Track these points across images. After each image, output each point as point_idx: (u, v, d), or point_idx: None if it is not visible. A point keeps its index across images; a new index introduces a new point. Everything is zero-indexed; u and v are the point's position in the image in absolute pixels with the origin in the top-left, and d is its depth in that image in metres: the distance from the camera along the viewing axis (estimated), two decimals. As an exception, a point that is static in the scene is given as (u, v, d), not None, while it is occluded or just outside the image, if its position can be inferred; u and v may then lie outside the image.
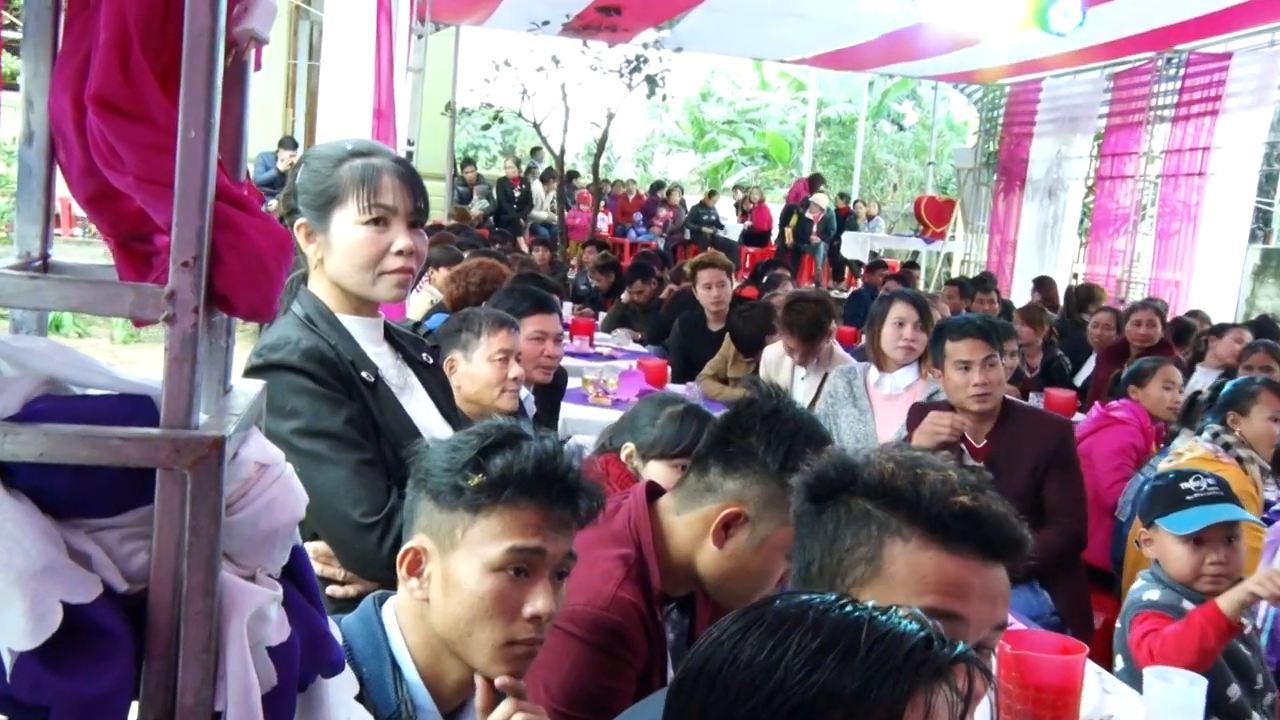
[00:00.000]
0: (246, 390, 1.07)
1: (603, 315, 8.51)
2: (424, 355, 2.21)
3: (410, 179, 2.00)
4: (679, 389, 5.36)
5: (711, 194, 18.22)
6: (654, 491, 1.95)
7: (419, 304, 6.55)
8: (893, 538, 1.21)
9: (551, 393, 4.11)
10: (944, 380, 3.47)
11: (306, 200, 1.99)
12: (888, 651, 0.85)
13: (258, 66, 1.06)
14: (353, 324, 2.04)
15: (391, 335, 2.15)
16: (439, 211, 14.25)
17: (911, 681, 0.84)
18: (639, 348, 7.31)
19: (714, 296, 6.15)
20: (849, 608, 0.90)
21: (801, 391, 4.91)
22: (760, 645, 0.88)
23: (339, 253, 1.98)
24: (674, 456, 2.47)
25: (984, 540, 1.20)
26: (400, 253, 1.97)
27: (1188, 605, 2.50)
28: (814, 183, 17.48)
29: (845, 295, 13.06)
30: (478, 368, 3.06)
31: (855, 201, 17.93)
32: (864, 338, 4.47)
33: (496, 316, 3.12)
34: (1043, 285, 10.11)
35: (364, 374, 1.98)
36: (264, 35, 1.00)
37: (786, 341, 4.87)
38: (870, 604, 0.91)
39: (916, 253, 17.10)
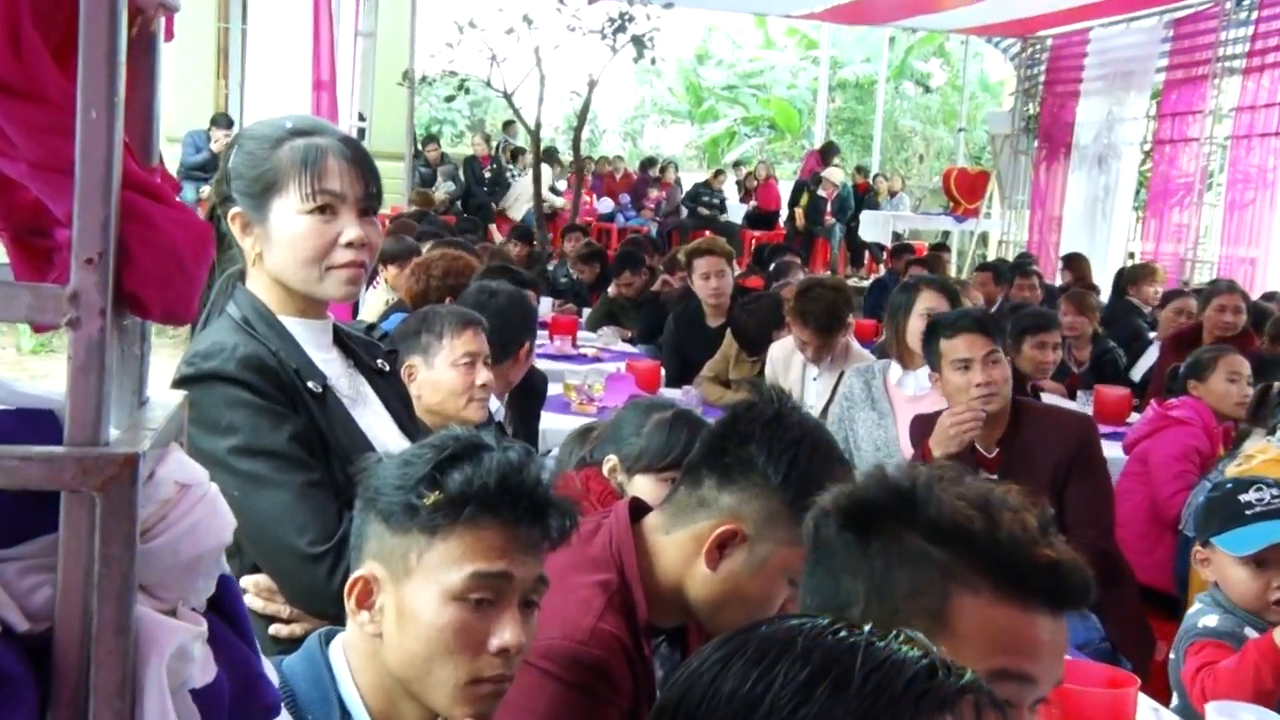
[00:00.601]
0: (164, 402, 1.09)
1: (587, 311, 8.55)
2: (379, 361, 2.23)
3: (359, 161, 2.03)
4: (674, 394, 5.38)
5: (718, 173, 18.27)
6: (639, 510, 1.97)
7: (374, 303, 6.59)
8: (960, 589, 1.18)
9: (529, 400, 4.14)
10: (943, 383, 3.50)
11: (241, 187, 2.01)
12: (885, 681, 0.85)
13: (169, 36, 1.08)
14: (297, 327, 2.06)
15: (341, 339, 2.17)
16: (398, 197, 14.28)
17: (912, 715, 0.84)
18: (628, 348, 7.35)
19: (713, 288, 6.19)
20: (843, 633, 0.91)
21: (814, 393, 4.95)
22: (744, 676, 0.89)
23: (280, 246, 2.00)
24: (662, 469, 2.49)
25: (1061, 594, 1.20)
26: (350, 244, 1.99)
27: (1251, 633, 2.46)
28: (827, 154, 17.54)
29: (865, 284, 13.14)
30: (440, 374, 3.09)
31: (875, 176, 18.01)
32: (885, 331, 4.50)
33: (460, 315, 3.15)
34: (1074, 264, 10.09)
35: (310, 384, 2.01)
36: (174, 0, 1.02)
37: (798, 334, 4.88)
38: (866, 628, 0.92)
39: (947, 233, 17.19)
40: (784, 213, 17.47)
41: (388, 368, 2.25)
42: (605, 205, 16.89)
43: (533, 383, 4.23)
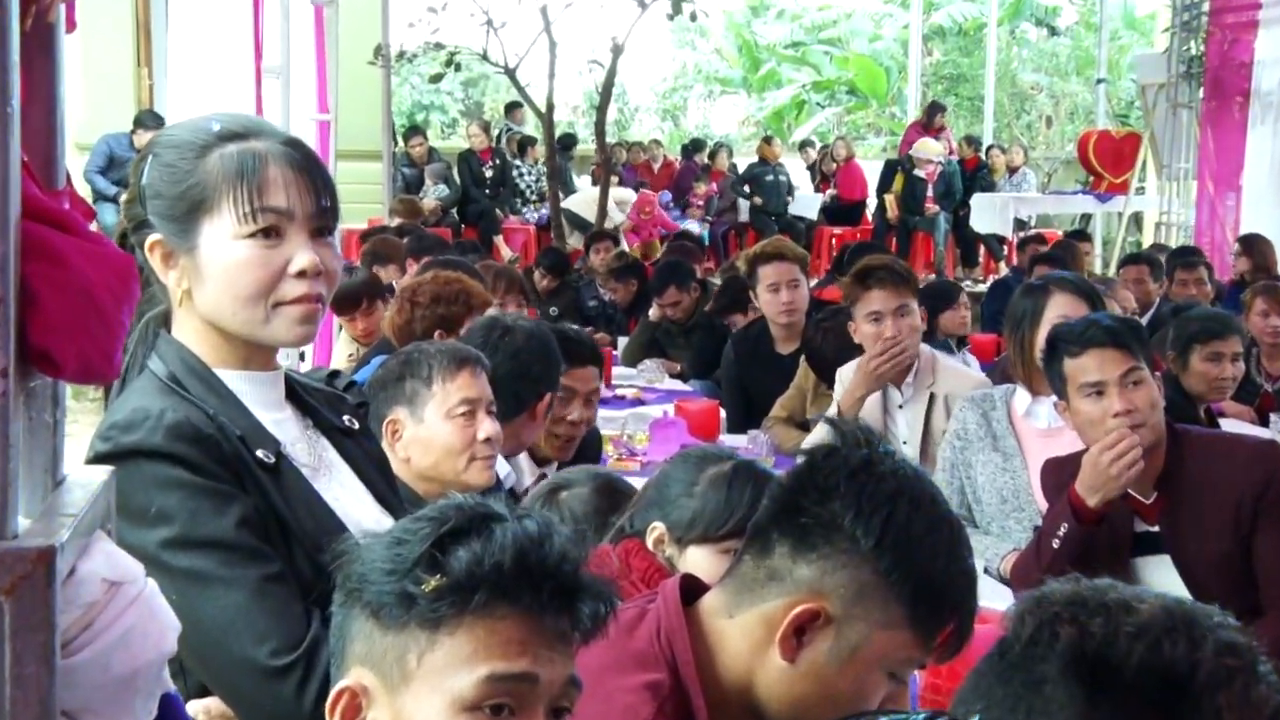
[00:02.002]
0: (85, 481, 1.12)
1: (623, 341, 8.63)
2: (345, 418, 2.27)
3: (308, 167, 2.07)
4: (737, 441, 5.40)
5: (769, 140, 18.33)
6: (693, 590, 1.99)
7: (345, 345, 6.65)
8: None
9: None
10: (1071, 414, 3.50)
11: (160, 208, 2.05)
12: None
13: (70, 26, 1.12)
14: (239, 382, 2.10)
15: (297, 394, 2.22)
16: (376, 207, 14.43)
17: None
18: (678, 385, 7.42)
19: (783, 303, 6.21)
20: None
21: (904, 425, 4.98)
22: None
23: (213, 280, 2.04)
24: (722, 537, 2.51)
25: None
26: (302, 274, 2.03)
27: None
28: (931, 116, 17.49)
29: (981, 288, 13.09)
30: (432, 429, 3.13)
31: (989, 148, 17.97)
32: (1007, 348, 4.50)
33: (452, 353, 3.20)
34: (1253, 248, 9.97)
35: (260, 453, 2.04)
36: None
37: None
38: None
39: (1086, 217, 17.11)
40: (872, 202, 17.47)
41: (357, 425, 2.29)
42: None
43: (585, 448, 4.33)
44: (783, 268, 6.23)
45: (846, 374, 5.14)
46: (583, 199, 15.54)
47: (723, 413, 6.06)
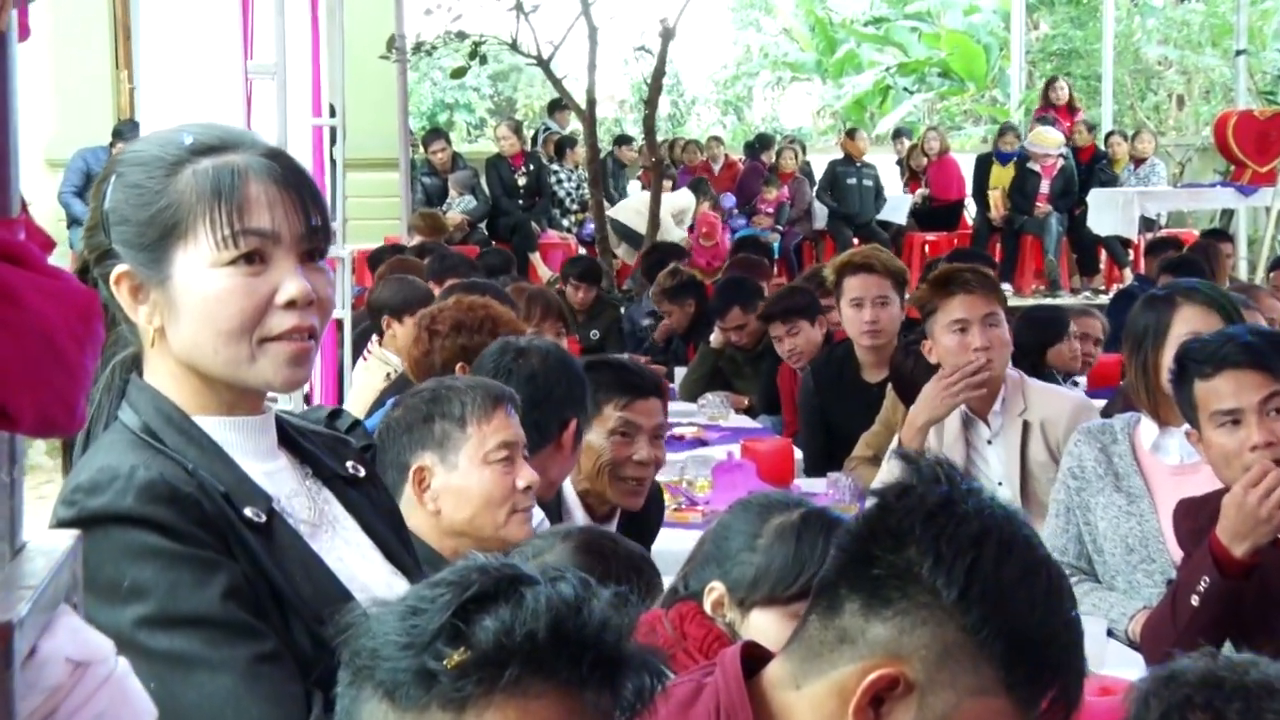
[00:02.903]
0: (48, 548, 1.15)
1: (680, 372, 8.67)
2: (349, 464, 2.29)
3: (295, 182, 2.09)
4: (815, 486, 5.40)
5: (852, 134, 18.22)
6: (757, 659, 2.00)
7: (366, 383, 6.69)
8: None
9: (639, 525, 4.28)
10: (1205, 447, 3.45)
11: (127, 235, 2.08)
12: None
13: (24, 35, 1.15)
14: (223, 430, 2.12)
15: (291, 438, 2.24)
16: (393, 224, 14.51)
17: None
18: (746, 421, 7.43)
19: (866, 322, 6.21)
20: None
21: (996, 463, 4.97)
22: None
23: (190, 315, 2.07)
24: (791, 598, 2.52)
25: None
26: (291, 304, 2.06)
27: None
28: (1048, 93, 17.39)
29: (1102, 300, 13.00)
30: (468, 476, 3.18)
31: (1108, 135, 17.87)
32: (1127, 370, 4.48)
33: (487, 390, 3.24)
34: None
35: (248, 511, 2.06)
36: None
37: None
38: None
39: (1228, 213, 16.96)
40: (971, 206, 17.41)
41: (363, 472, 2.31)
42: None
43: (647, 512, 4.37)
44: (870, 281, 6.24)
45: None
46: (632, 206, 15.54)
47: (798, 453, 6.07)
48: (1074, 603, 1.89)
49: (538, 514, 3.54)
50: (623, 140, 18.47)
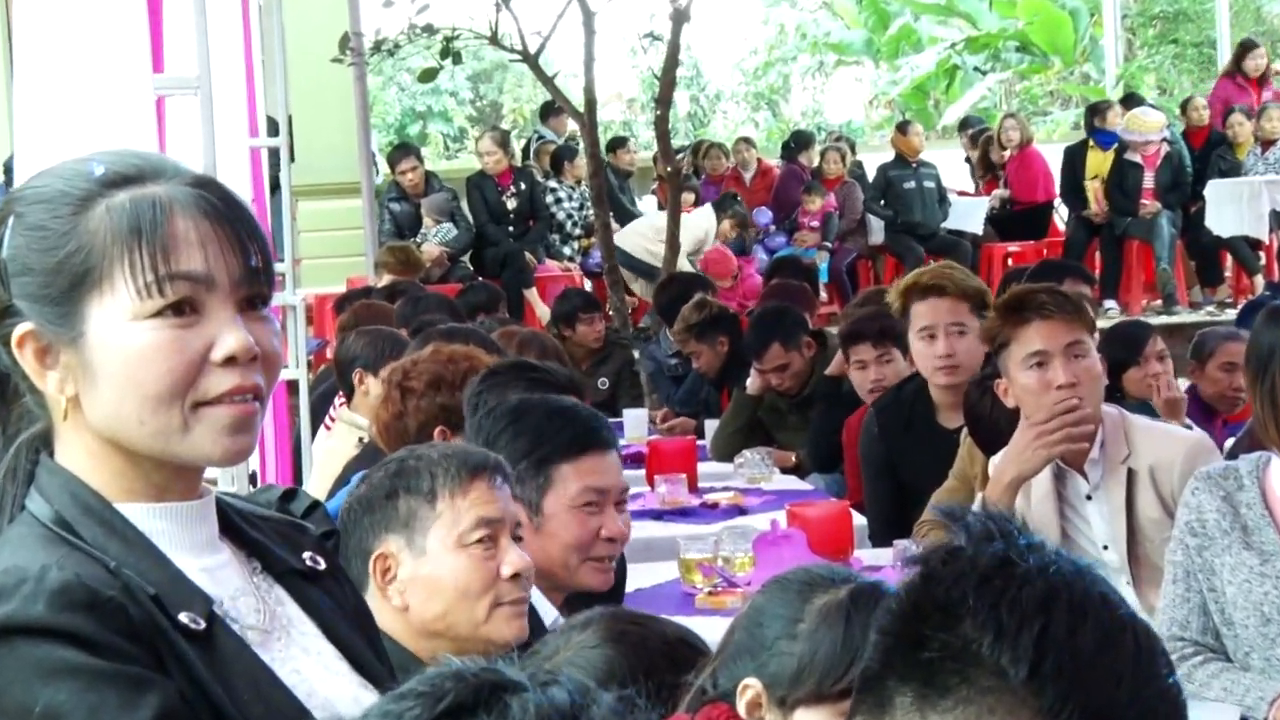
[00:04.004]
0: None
1: (711, 426, 8.64)
2: (306, 556, 2.29)
3: (230, 215, 2.10)
4: (880, 558, 5.38)
5: (904, 126, 18.06)
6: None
7: (333, 454, 6.67)
8: None
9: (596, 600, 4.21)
10: None
11: (29, 287, 2.08)
12: None
13: None
14: (152, 519, 2.12)
15: (235, 527, 2.24)
16: (356, 261, 14.52)
17: None
18: (793, 483, 7.42)
19: (944, 355, 6.17)
20: None
21: (1098, 522, 4.93)
22: None
23: (110, 379, 2.06)
24: (842, 695, 2.51)
25: None
26: (230, 361, 2.06)
27: None
28: (1241, 58, 17.33)
29: (1231, 313, 12.96)
30: (439, 563, 3.18)
31: (1228, 113, 17.75)
32: (1253, 398, 4.47)
33: (461, 457, 3.25)
34: None
35: (184, 616, 2.05)
36: None
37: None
38: None
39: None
40: (1063, 206, 17.34)
41: (323, 564, 2.31)
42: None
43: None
44: (942, 306, 6.22)
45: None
46: (639, 232, 15.46)
47: (859, 519, 6.05)
48: (1170, 668, 1.86)
49: (546, 607, 3.55)
50: (618, 143, 18.29)
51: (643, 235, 15.00)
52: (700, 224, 15.88)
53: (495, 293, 11.56)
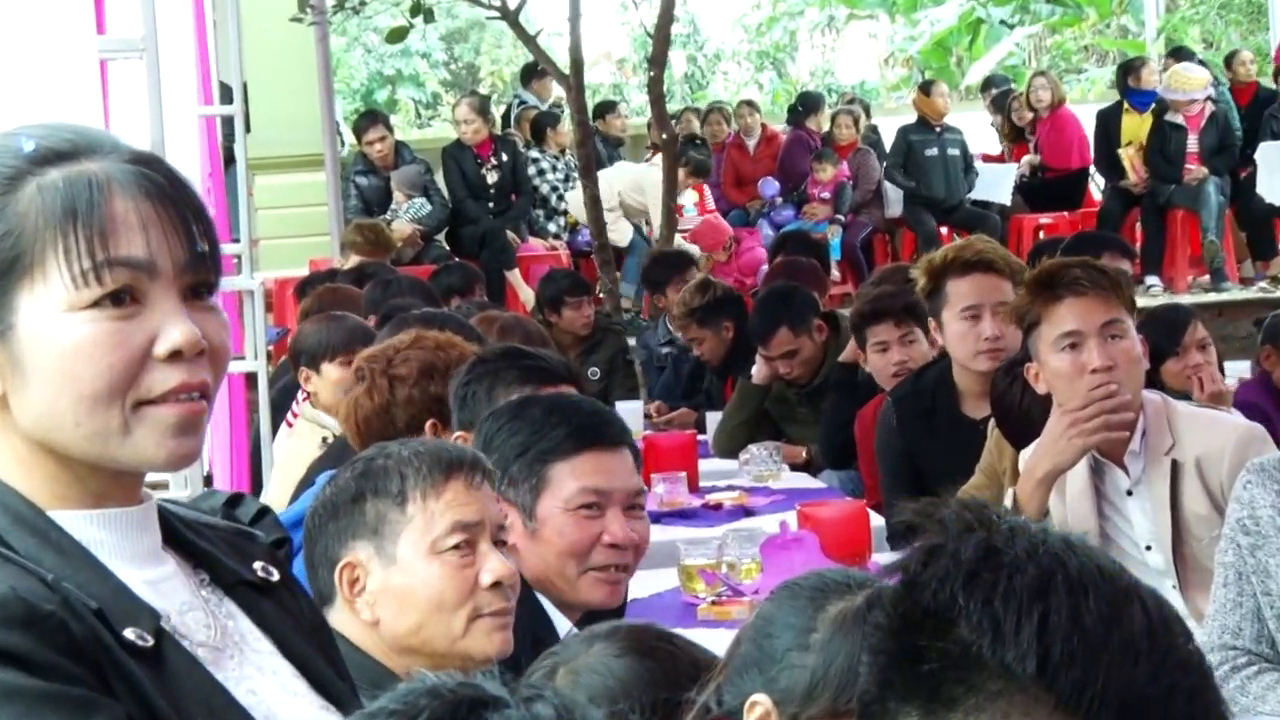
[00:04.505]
0: None
1: (714, 418, 8.65)
2: (257, 566, 2.30)
3: (174, 195, 2.10)
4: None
5: (928, 88, 17.95)
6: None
7: (294, 455, 6.66)
8: None
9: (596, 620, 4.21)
10: None
11: None
12: None
13: None
14: (90, 527, 2.12)
15: (180, 536, 2.24)
16: (319, 241, 14.51)
17: None
18: (804, 480, 7.46)
19: (992, 338, 6.14)
20: None
21: (1140, 520, 4.93)
22: None
23: (42, 377, 2.06)
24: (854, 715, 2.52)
25: None
26: (175, 356, 2.06)
27: None
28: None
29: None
30: (412, 572, 3.18)
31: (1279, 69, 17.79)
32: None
33: (434, 454, 3.24)
34: None
35: (130, 632, 2.05)
36: None
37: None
38: None
39: None
40: (1099, 176, 17.30)
41: (275, 575, 2.31)
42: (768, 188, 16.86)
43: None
44: (988, 284, 6.20)
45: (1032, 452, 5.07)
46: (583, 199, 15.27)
47: (875, 518, 6.05)
48: (1188, 634, 1.85)
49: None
50: (606, 108, 18.26)
51: (605, 201, 14.81)
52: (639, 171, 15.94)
53: (473, 273, 11.46)
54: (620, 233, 15.13)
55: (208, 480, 6.18)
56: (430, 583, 3.16)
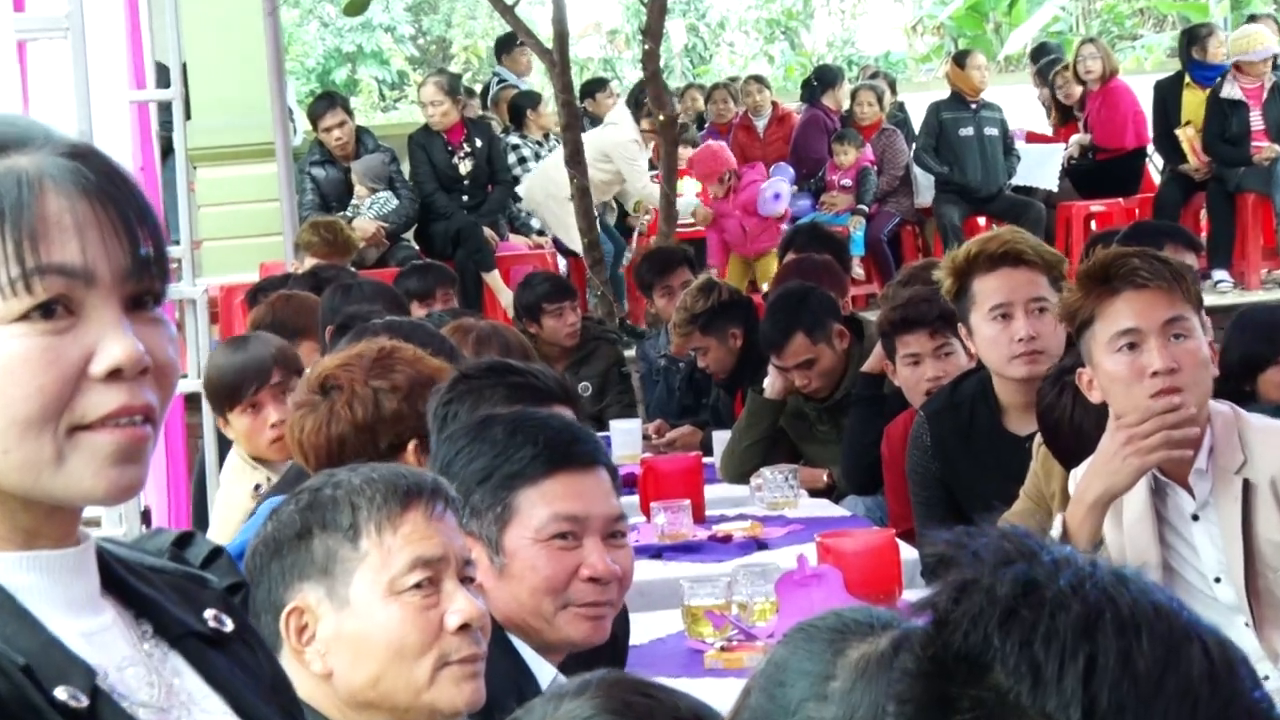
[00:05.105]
0: None
1: (721, 437, 8.69)
2: (208, 615, 2.29)
3: (114, 193, 2.10)
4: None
5: (962, 58, 17.95)
6: None
7: (236, 485, 6.67)
8: None
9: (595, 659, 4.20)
10: None
11: None
12: None
13: None
14: (19, 571, 2.12)
15: (120, 581, 2.24)
16: (273, 241, 14.55)
17: None
18: (825, 508, 7.48)
19: (1026, 339, 6.18)
20: None
21: (1207, 546, 4.91)
22: None
23: None
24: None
25: None
26: (115, 374, 2.06)
27: None
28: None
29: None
30: (367, 618, 3.19)
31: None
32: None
33: (390, 482, 3.24)
34: None
35: (61, 692, 2.04)
36: None
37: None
38: None
39: None
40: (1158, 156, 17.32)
41: (229, 625, 2.30)
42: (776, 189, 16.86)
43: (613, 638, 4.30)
44: (1018, 278, 6.24)
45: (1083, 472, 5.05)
46: (550, 180, 15.29)
47: (906, 550, 6.04)
48: (1256, 681, 1.85)
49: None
50: (596, 86, 18.25)
51: (557, 186, 14.89)
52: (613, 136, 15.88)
53: (444, 275, 11.41)
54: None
55: (145, 516, 6.17)
56: (389, 627, 3.16)
